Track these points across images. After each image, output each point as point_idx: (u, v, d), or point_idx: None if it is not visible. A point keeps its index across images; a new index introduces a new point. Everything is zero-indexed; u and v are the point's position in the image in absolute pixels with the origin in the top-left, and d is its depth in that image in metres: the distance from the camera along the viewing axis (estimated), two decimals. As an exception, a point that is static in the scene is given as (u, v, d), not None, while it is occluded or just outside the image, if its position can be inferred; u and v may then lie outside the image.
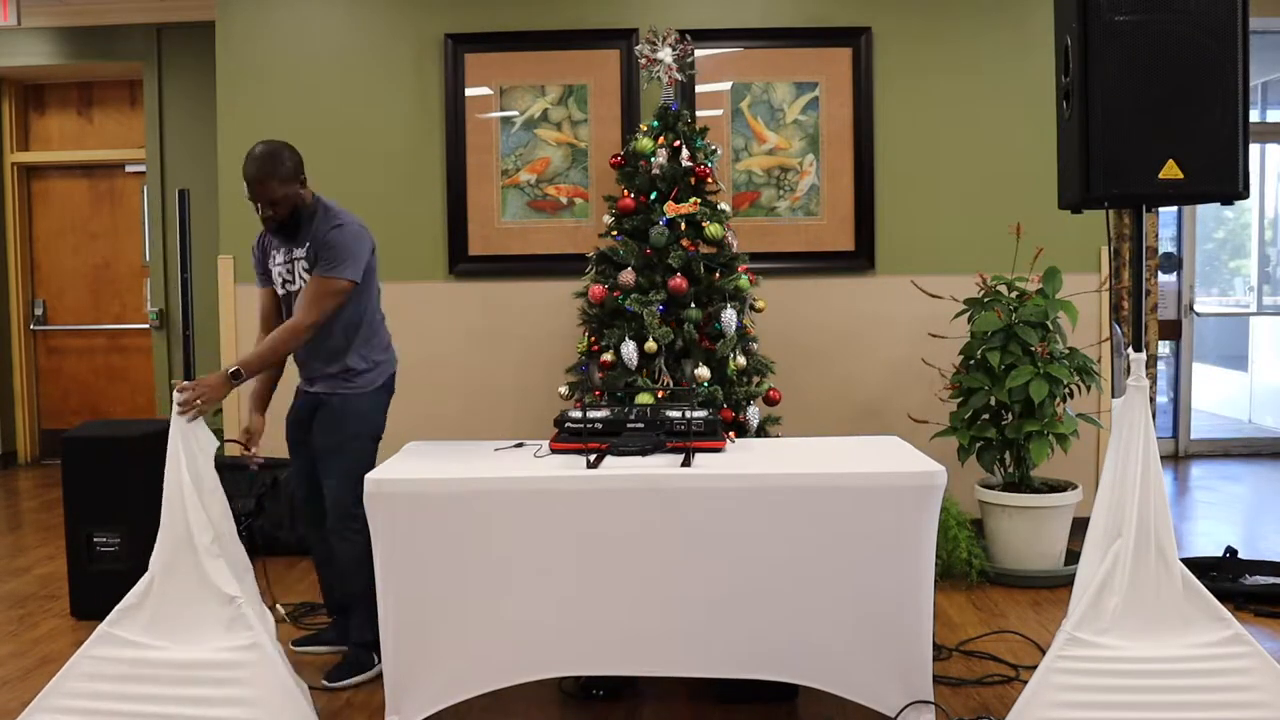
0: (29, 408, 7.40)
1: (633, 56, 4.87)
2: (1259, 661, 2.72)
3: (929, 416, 4.69)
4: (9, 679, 3.46)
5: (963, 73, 5.09)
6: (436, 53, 5.16)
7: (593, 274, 4.49)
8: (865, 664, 2.83)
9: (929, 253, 5.05)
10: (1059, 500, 4.30)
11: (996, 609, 4.04)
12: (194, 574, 2.89)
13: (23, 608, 4.22)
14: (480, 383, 5.21)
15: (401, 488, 2.82)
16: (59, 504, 6.12)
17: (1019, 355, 4.29)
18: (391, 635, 2.83)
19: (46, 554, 5.03)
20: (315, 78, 5.20)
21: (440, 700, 2.85)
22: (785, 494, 2.79)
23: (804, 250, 5.11)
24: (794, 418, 4.80)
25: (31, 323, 7.39)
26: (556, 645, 2.85)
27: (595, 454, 2.95)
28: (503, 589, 2.82)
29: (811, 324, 5.12)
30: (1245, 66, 2.68)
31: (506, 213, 5.15)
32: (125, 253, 7.38)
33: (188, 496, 2.89)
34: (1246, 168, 2.70)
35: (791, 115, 5.10)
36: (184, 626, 2.89)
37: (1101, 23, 2.70)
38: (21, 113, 7.30)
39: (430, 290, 5.21)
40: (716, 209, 4.41)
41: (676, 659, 2.86)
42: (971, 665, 3.45)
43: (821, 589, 2.81)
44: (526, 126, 5.14)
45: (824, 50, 5.08)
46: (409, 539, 2.81)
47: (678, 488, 2.79)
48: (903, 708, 2.81)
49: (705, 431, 3.07)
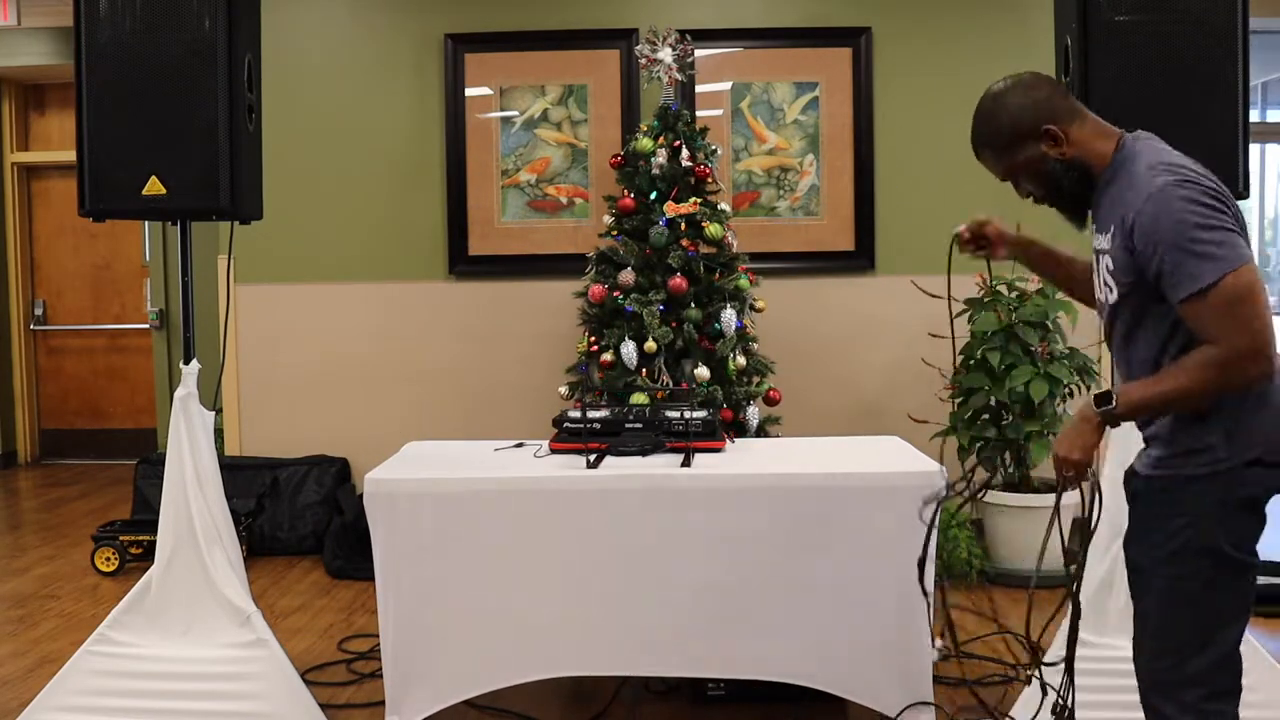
0: (29, 408, 7.39)
1: (633, 56, 4.87)
2: (1259, 662, 2.72)
3: (929, 416, 4.69)
4: (9, 679, 3.46)
5: (963, 73, 5.08)
6: (436, 53, 5.15)
7: (593, 274, 4.48)
8: (865, 664, 2.83)
9: (929, 253, 5.04)
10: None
11: (996, 609, 4.04)
12: (197, 570, 2.89)
13: (23, 608, 4.22)
14: (480, 383, 5.21)
15: (401, 488, 2.82)
16: (59, 504, 6.12)
17: (1019, 355, 4.29)
18: (391, 635, 2.83)
19: (46, 554, 5.03)
20: (315, 78, 5.20)
21: (440, 700, 2.85)
22: (785, 494, 2.79)
23: (804, 250, 5.10)
24: (794, 418, 4.80)
25: (31, 323, 7.38)
26: (556, 645, 2.85)
27: (595, 454, 2.95)
28: (502, 589, 2.82)
29: (811, 324, 5.12)
30: (1245, 66, 2.68)
31: (506, 213, 5.15)
32: (125, 253, 7.37)
33: (190, 488, 2.89)
34: (1246, 168, 2.70)
35: (791, 115, 5.10)
36: (187, 624, 2.89)
37: (1101, 23, 2.70)
38: (21, 113, 7.29)
39: (430, 290, 5.20)
40: (716, 209, 4.41)
41: (676, 659, 2.86)
42: (971, 665, 3.45)
43: (821, 589, 2.80)
44: (526, 126, 5.14)
45: (824, 50, 5.08)
46: (409, 539, 2.81)
47: (677, 488, 2.79)
48: (903, 709, 2.81)
49: (705, 432, 3.06)
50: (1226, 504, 1.85)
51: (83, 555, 4.88)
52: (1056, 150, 1.99)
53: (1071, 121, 1.99)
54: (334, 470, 5.11)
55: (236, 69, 2.87)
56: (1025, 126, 2.00)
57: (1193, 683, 1.89)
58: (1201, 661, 1.88)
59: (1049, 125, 1.98)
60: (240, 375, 5.24)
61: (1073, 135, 1.99)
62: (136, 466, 5.21)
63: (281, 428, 5.25)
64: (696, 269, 4.31)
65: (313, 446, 5.22)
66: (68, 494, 6.40)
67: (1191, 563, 1.87)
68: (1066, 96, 2.04)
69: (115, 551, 4.66)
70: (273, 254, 5.13)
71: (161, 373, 6.94)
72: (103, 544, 4.68)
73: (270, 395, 5.24)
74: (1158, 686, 1.93)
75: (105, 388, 7.45)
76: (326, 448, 5.22)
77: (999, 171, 2.11)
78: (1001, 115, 2.04)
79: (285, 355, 5.23)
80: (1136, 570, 1.99)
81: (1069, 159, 1.99)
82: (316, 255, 5.21)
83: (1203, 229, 1.79)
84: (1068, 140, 1.98)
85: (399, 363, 5.22)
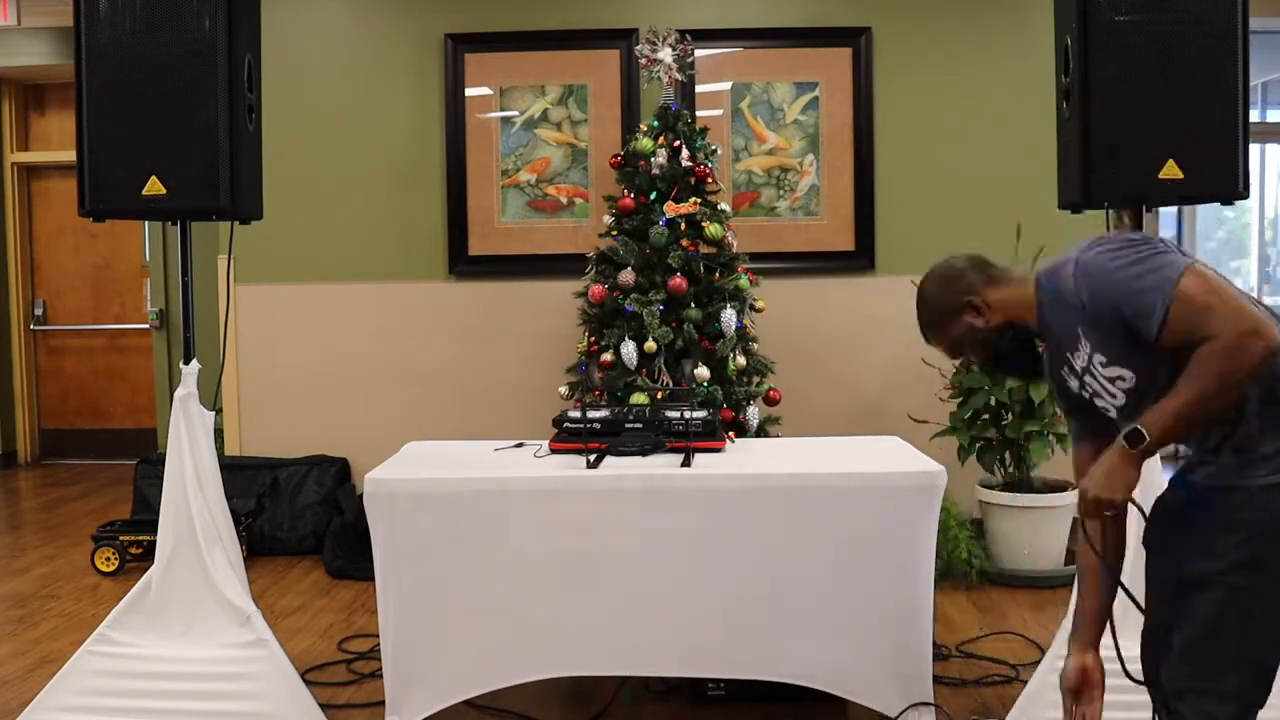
0: (29, 408, 7.39)
1: (633, 56, 4.86)
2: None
3: (929, 416, 4.69)
4: (9, 679, 3.46)
5: (963, 73, 5.08)
6: (436, 53, 5.15)
7: (593, 274, 4.48)
8: (865, 664, 2.83)
9: (929, 253, 5.01)
10: (1059, 500, 4.30)
11: (996, 609, 4.04)
12: (197, 570, 2.89)
13: (23, 608, 4.22)
14: (480, 383, 5.21)
15: (401, 488, 2.82)
16: (59, 504, 6.12)
17: (1019, 355, 4.28)
18: (391, 635, 2.83)
19: (46, 554, 5.03)
20: (315, 78, 5.19)
21: (440, 700, 2.85)
22: (785, 494, 2.79)
23: (804, 250, 5.10)
24: (794, 418, 4.79)
25: (31, 323, 7.38)
26: (556, 645, 2.85)
27: (595, 454, 2.95)
28: (502, 589, 2.82)
29: (811, 324, 5.12)
30: (1245, 66, 2.68)
31: (506, 213, 5.15)
32: (125, 253, 7.37)
33: (190, 488, 2.89)
34: (1246, 168, 2.70)
35: (791, 115, 5.10)
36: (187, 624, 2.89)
37: (1101, 22, 2.70)
38: (21, 113, 7.29)
39: (430, 290, 5.20)
40: (716, 209, 4.41)
41: (676, 659, 2.86)
42: (971, 665, 3.45)
43: (821, 589, 2.80)
44: (526, 126, 5.13)
45: (824, 50, 5.08)
46: (409, 539, 2.81)
47: (677, 488, 2.79)
48: (903, 709, 2.81)
49: (705, 431, 3.06)
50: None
51: (83, 555, 4.88)
52: (982, 320, 2.09)
53: (989, 289, 2.09)
54: (334, 470, 5.11)
55: (236, 69, 2.87)
56: (948, 307, 2.13)
57: (1226, 698, 1.85)
58: (1239, 677, 1.85)
59: (968, 298, 2.10)
60: (240, 375, 5.24)
61: (993, 301, 2.08)
62: (136, 466, 5.21)
63: (281, 428, 5.24)
64: (696, 269, 4.31)
65: (313, 446, 5.22)
66: (68, 494, 6.40)
67: (1249, 576, 1.84)
68: (983, 269, 2.13)
69: (115, 551, 4.66)
70: (273, 254, 5.13)
71: (161, 373, 6.94)
72: (103, 544, 4.67)
73: (270, 395, 5.24)
74: (1187, 695, 1.89)
75: (105, 388, 7.45)
76: (326, 448, 5.22)
77: (945, 350, 2.22)
78: (929, 302, 2.19)
79: (285, 355, 5.23)
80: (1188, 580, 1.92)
81: (997, 325, 2.08)
82: (316, 255, 5.21)
83: (1131, 266, 1.84)
84: (989, 307, 2.08)
85: (399, 363, 5.22)
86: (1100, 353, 1.93)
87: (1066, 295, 1.93)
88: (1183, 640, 1.92)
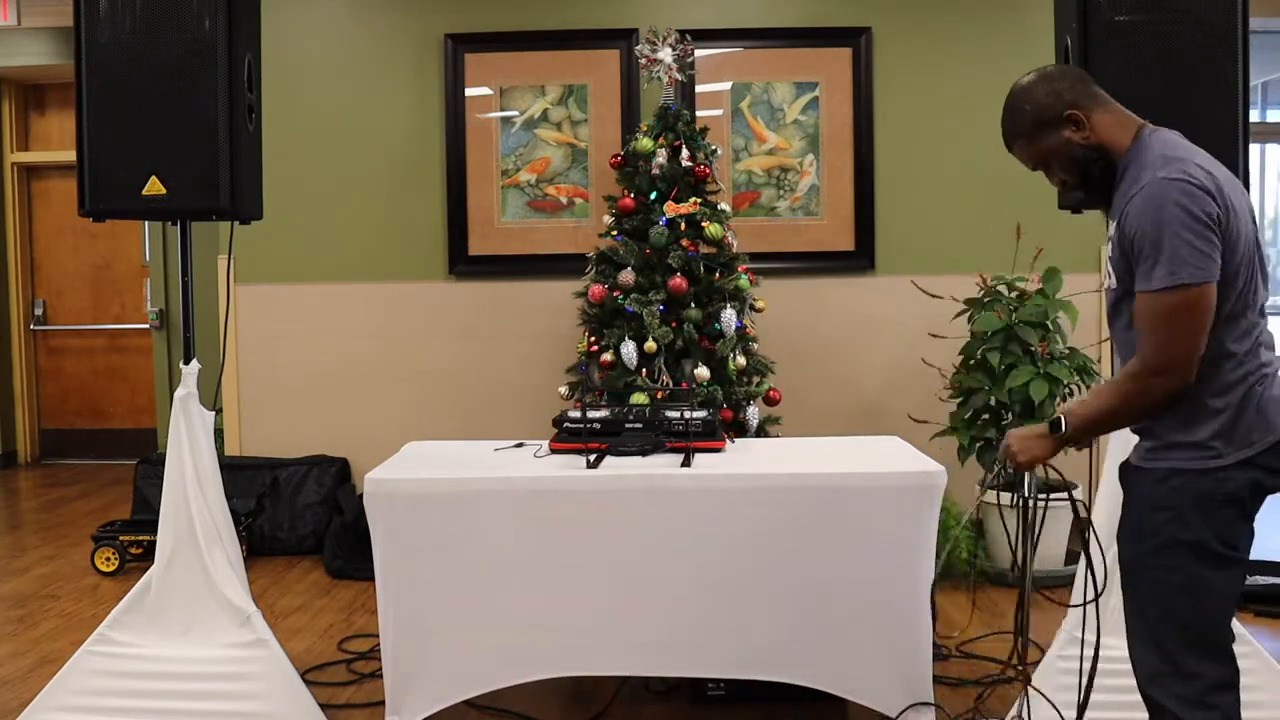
0: (29, 408, 7.39)
1: (633, 56, 4.87)
2: (1259, 662, 2.72)
3: (929, 416, 4.69)
4: (9, 679, 3.46)
5: (963, 73, 5.08)
6: (436, 53, 5.15)
7: (593, 274, 4.48)
8: (865, 664, 2.83)
9: (929, 253, 5.05)
10: (1059, 500, 4.29)
11: (996, 609, 4.04)
12: (197, 570, 2.89)
13: (23, 608, 4.22)
14: (480, 383, 5.21)
15: (401, 488, 2.82)
16: (59, 504, 6.12)
17: (1019, 355, 4.29)
18: (391, 635, 2.83)
19: (46, 554, 5.03)
20: (315, 78, 5.20)
21: (440, 700, 2.85)
22: (785, 494, 2.79)
23: (804, 250, 5.10)
24: (794, 418, 4.80)
25: (31, 323, 7.38)
26: (556, 645, 2.85)
27: (595, 454, 2.95)
28: (502, 589, 2.82)
29: (811, 324, 5.12)
30: (1245, 66, 2.68)
31: (506, 213, 5.15)
32: (125, 253, 7.37)
33: (190, 488, 2.89)
34: (1246, 168, 2.70)
35: (791, 115, 5.10)
36: (187, 624, 2.89)
37: (1101, 22, 2.70)
38: (21, 113, 7.29)
39: (430, 290, 5.20)
40: (716, 209, 4.41)
41: (676, 659, 2.86)
42: (971, 665, 3.45)
43: (821, 589, 2.80)
44: (526, 126, 5.14)
45: (824, 50, 5.08)
46: (409, 539, 2.81)
47: (677, 488, 2.79)
48: (903, 709, 2.81)
49: (705, 431, 3.06)
50: (1212, 499, 1.88)
51: (83, 555, 4.88)
52: (1080, 135, 2.03)
53: (1094, 108, 2.03)
54: (334, 470, 5.11)
55: (236, 69, 2.88)
56: (1049, 113, 2.04)
57: (1188, 676, 1.91)
58: (1192, 655, 1.91)
59: (1071, 110, 2.02)
60: (240, 375, 5.24)
61: (1094, 121, 2.03)
62: (136, 466, 5.21)
63: (281, 428, 5.24)
64: (696, 269, 4.31)
65: (313, 446, 5.22)
66: (68, 494, 6.40)
67: (1176, 556, 1.90)
68: (1090, 85, 2.07)
69: (115, 551, 4.66)
70: (273, 254, 5.13)
71: (161, 373, 6.94)
72: (103, 544, 4.67)
73: (270, 395, 5.24)
74: (1154, 680, 1.95)
75: (105, 388, 7.45)
76: (326, 448, 5.22)
77: (1029, 160, 2.13)
78: (1027, 104, 2.07)
79: (285, 355, 5.23)
80: (1125, 563, 2.02)
81: (1092, 144, 2.02)
82: (316, 255, 5.21)
83: (1182, 234, 1.83)
84: (1090, 125, 2.02)
85: (399, 363, 5.22)
86: (1113, 245, 1.98)
87: (1131, 182, 1.94)
88: (1131, 625, 2.00)
